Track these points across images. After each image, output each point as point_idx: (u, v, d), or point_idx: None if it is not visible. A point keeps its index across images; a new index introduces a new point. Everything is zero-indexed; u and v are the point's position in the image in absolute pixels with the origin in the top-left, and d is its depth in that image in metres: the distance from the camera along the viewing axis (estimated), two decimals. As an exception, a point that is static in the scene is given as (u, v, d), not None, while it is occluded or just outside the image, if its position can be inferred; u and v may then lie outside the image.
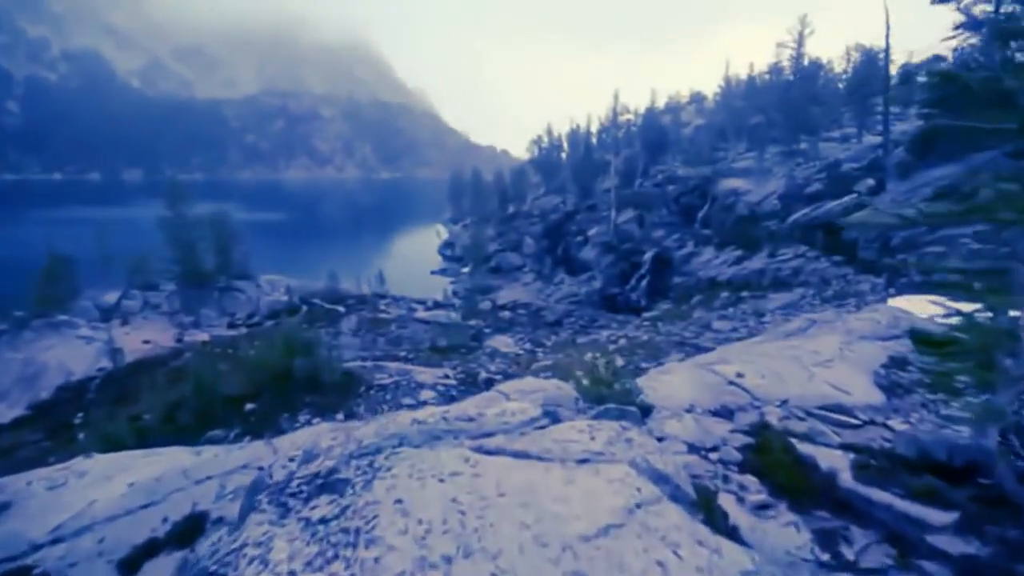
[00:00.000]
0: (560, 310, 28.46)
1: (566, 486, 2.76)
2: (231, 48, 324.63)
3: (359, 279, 30.13)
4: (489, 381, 12.87)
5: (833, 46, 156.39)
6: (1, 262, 36.30)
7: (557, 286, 38.53)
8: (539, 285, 40.40)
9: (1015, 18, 5.14)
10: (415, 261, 54.65)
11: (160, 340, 21.18)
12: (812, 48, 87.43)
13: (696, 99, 75.80)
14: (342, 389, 12.35)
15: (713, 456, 4.93)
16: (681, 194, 37.34)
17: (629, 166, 48.71)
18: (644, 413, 5.58)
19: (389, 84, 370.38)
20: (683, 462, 4.32)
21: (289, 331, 13.37)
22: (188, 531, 4.48)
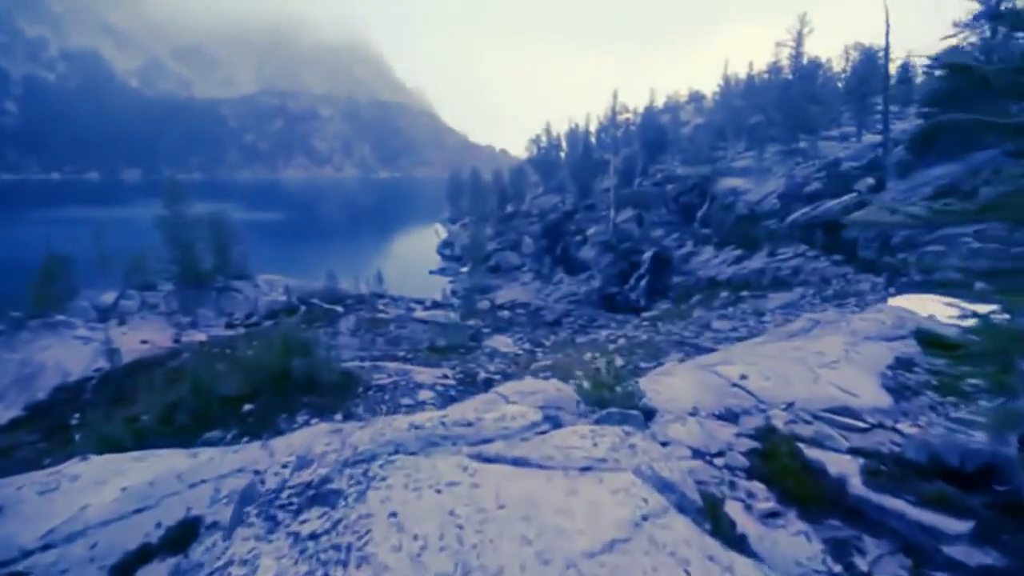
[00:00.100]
0: (559, 310, 28.37)
1: (568, 497, 2.66)
2: (230, 48, 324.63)
3: (357, 279, 29.99)
4: (488, 381, 12.79)
5: (832, 45, 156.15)
6: (-1, 262, 36.16)
7: (556, 285, 38.43)
8: (538, 285, 40.31)
9: None
10: (414, 261, 54.58)
11: (158, 340, 21.07)
12: (811, 47, 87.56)
13: (695, 98, 75.90)
14: (340, 389, 12.26)
15: (719, 462, 4.79)
16: (680, 193, 37.29)
17: (628, 165, 48.65)
18: (647, 417, 5.46)
19: (388, 84, 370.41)
20: (688, 468, 4.20)
21: (287, 331, 13.28)
22: (182, 536, 4.38)
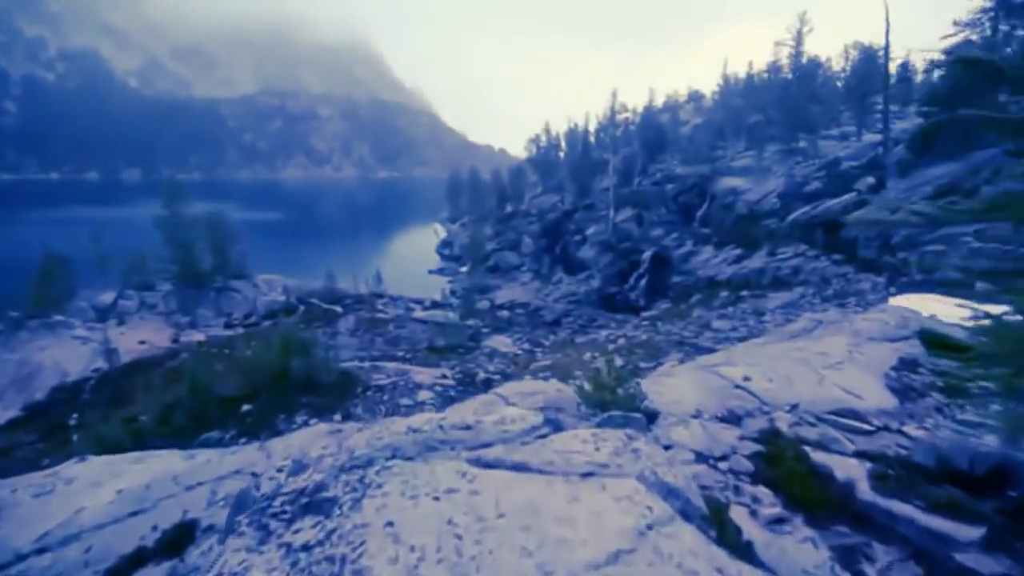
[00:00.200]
0: (558, 309, 28.35)
1: (570, 504, 2.59)
2: (229, 48, 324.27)
3: (356, 279, 29.90)
4: (487, 381, 12.77)
5: (832, 44, 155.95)
6: (-3, 262, 36.05)
7: (555, 285, 38.37)
8: (537, 284, 40.25)
9: None
10: (413, 260, 54.47)
11: (156, 340, 21.04)
12: (811, 46, 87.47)
13: (694, 98, 75.88)
14: (339, 390, 12.25)
15: (723, 466, 4.70)
16: (680, 193, 37.25)
17: (627, 165, 48.63)
18: (649, 419, 5.39)
19: (387, 84, 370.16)
20: (692, 472, 4.13)
21: (286, 331, 13.26)
22: (178, 540, 4.35)
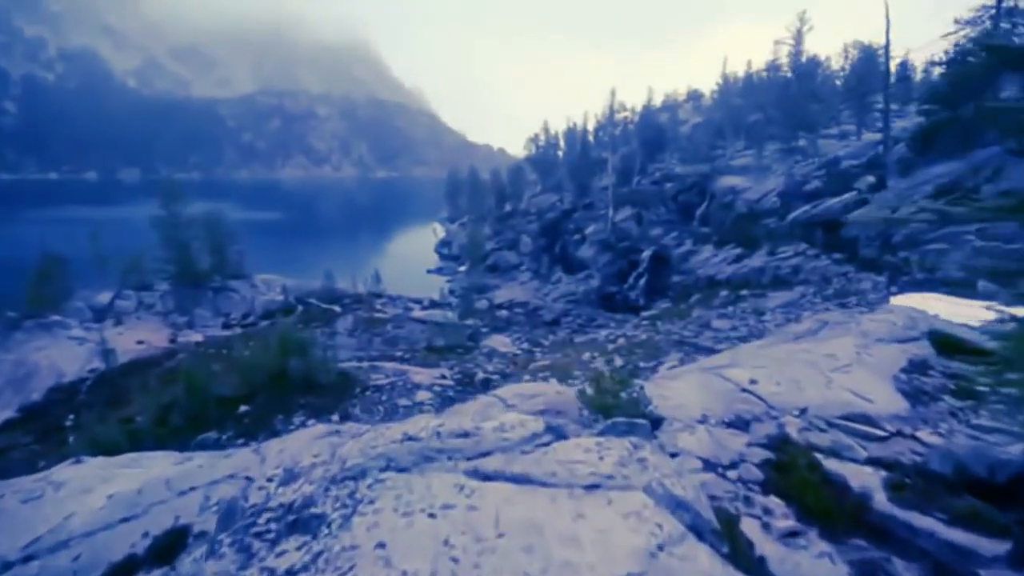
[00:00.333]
0: (558, 309, 28.30)
1: (575, 522, 2.44)
2: (228, 47, 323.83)
3: (355, 278, 29.82)
4: (486, 381, 12.73)
5: (831, 43, 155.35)
6: (-4, 262, 35.93)
7: (555, 285, 38.29)
8: (536, 284, 40.17)
9: None
10: (412, 260, 54.36)
11: (154, 340, 20.97)
12: (810, 45, 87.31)
13: (693, 97, 75.73)
14: (338, 390, 12.21)
15: (732, 474, 4.51)
16: (679, 192, 37.19)
17: (626, 164, 48.57)
18: (654, 425, 5.24)
19: (386, 83, 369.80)
20: (700, 481, 3.96)
21: (284, 331, 13.23)
22: (169, 547, 4.26)
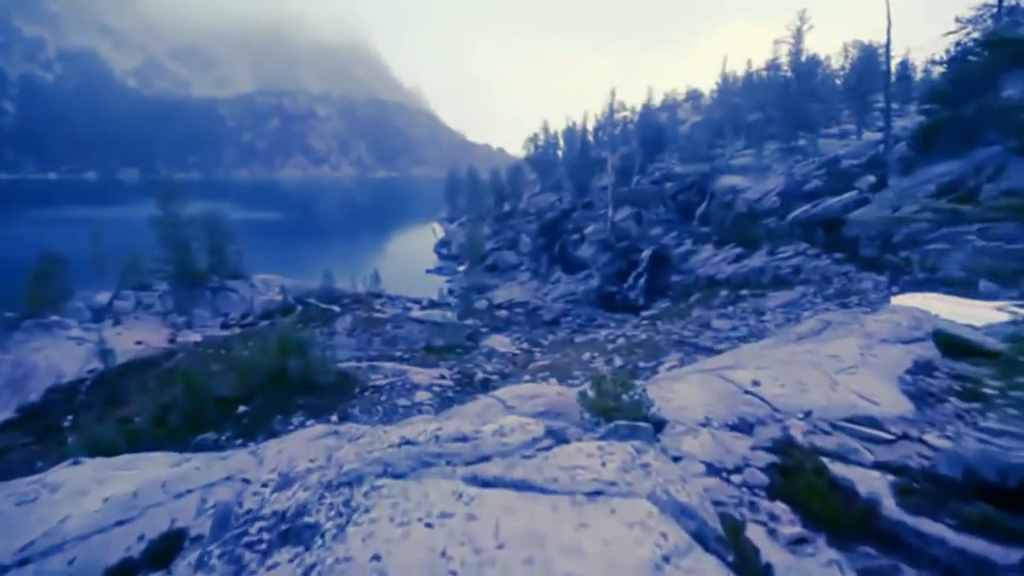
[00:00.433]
0: (557, 309, 28.28)
1: (578, 532, 2.36)
2: (227, 47, 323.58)
3: (354, 278, 29.80)
4: (486, 382, 12.71)
5: (831, 42, 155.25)
6: (-5, 263, 35.88)
7: (554, 285, 38.26)
8: (536, 284, 40.14)
9: None
10: (411, 260, 54.33)
11: (152, 341, 20.94)
12: (809, 44, 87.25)
13: (693, 96, 75.61)
14: (337, 390, 12.19)
15: (736, 479, 4.41)
16: (679, 191, 37.13)
17: (626, 163, 48.51)
18: (656, 428, 5.16)
19: (386, 83, 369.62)
20: (703, 486, 3.87)
21: (283, 331, 13.22)
22: (165, 550, 4.23)
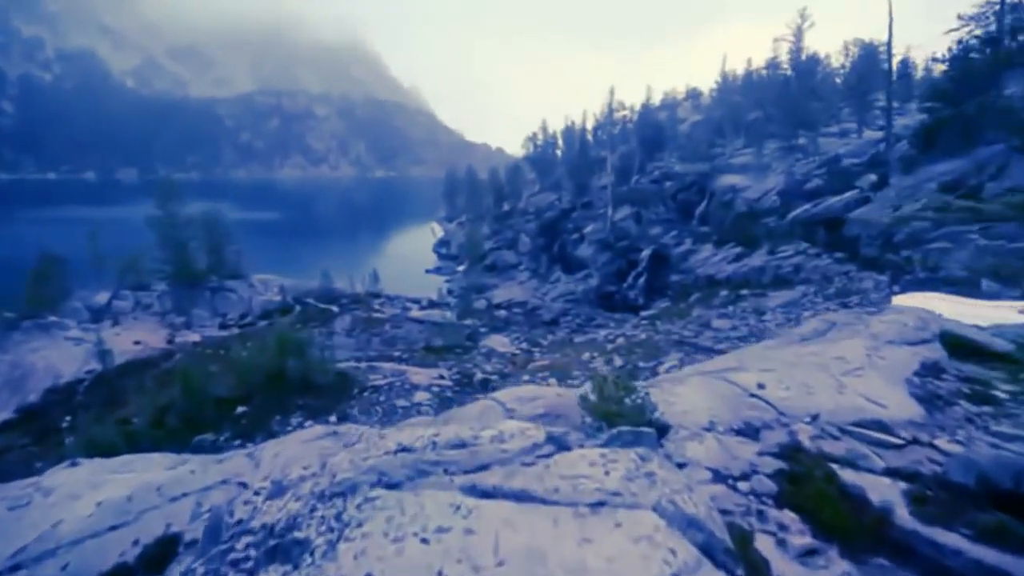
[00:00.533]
0: (557, 309, 28.22)
1: (581, 547, 2.25)
2: (226, 47, 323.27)
3: (353, 278, 29.74)
4: (485, 382, 12.67)
5: (831, 40, 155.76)
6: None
7: (553, 284, 38.21)
8: (535, 283, 40.10)
9: None
10: (410, 260, 54.30)
11: (151, 341, 20.89)
12: (810, 42, 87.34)
13: (693, 95, 75.58)
14: (335, 391, 12.14)
15: (743, 486, 4.26)
16: (678, 191, 37.09)
17: (625, 163, 48.48)
18: (660, 433, 5.00)
19: (385, 83, 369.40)
20: (710, 494, 3.76)
21: (282, 332, 13.19)
22: (160, 555, 4.15)
